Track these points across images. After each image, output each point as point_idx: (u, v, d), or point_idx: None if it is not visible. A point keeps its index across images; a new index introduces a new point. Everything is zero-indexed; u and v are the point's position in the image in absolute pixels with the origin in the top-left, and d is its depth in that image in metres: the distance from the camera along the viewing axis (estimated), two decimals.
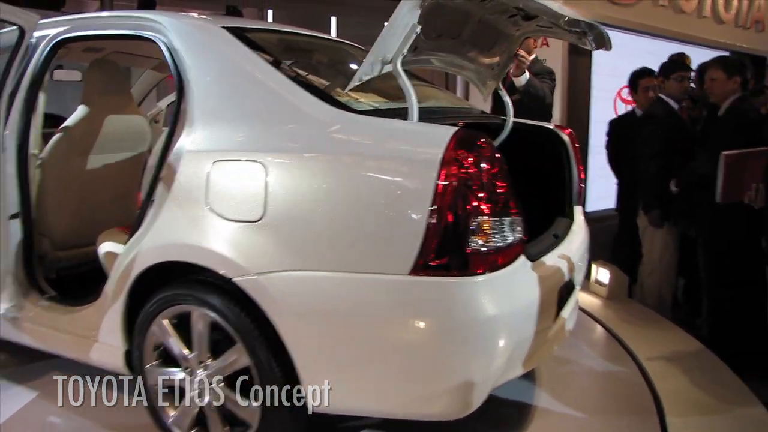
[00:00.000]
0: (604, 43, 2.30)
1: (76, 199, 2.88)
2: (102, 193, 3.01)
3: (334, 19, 12.69)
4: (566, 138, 2.79)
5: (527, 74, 4.12)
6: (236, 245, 1.85)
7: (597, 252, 2.87)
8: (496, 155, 1.74)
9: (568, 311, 2.39)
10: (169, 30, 2.23)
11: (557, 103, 5.58)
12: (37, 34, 2.54)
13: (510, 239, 1.79)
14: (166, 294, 2.09)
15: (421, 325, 1.70)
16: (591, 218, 2.98)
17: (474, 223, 1.65)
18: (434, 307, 1.68)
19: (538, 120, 3.11)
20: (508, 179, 1.78)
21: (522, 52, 3.91)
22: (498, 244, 1.73)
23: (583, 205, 2.88)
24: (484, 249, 1.68)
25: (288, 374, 1.87)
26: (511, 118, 2.70)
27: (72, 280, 2.76)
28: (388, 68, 1.93)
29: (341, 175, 1.75)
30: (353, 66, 2.51)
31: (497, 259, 1.75)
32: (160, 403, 2.21)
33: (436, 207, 1.61)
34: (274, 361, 1.87)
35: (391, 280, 1.67)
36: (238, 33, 2.21)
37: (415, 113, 1.82)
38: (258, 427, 1.96)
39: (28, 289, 2.57)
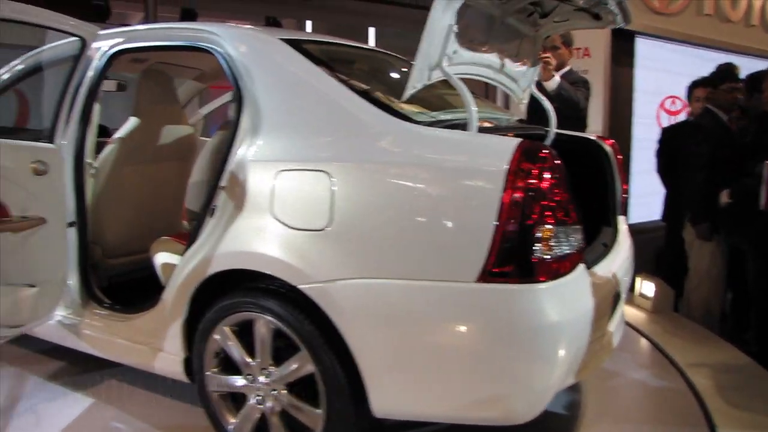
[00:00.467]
0: (627, 16, 2.30)
1: (126, 208, 2.93)
2: (151, 202, 3.06)
3: (372, 30, 12.82)
4: (609, 149, 2.79)
5: (557, 78, 4.04)
6: (302, 253, 1.88)
7: (639, 264, 2.83)
8: (559, 166, 1.77)
9: (615, 323, 2.35)
10: (227, 41, 2.26)
11: (598, 115, 5.52)
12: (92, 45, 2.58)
13: (571, 247, 1.81)
14: (229, 302, 2.12)
15: (487, 331, 1.73)
16: (633, 230, 2.94)
17: (538, 232, 1.68)
18: (500, 313, 1.70)
19: (572, 128, 3.08)
20: (569, 189, 1.80)
21: (545, 55, 3.82)
22: (560, 253, 1.75)
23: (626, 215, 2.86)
24: (548, 257, 1.71)
25: (352, 380, 1.88)
26: (554, 128, 2.68)
27: (121, 288, 2.79)
28: (436, 75, 1.96)
29: (407, 185, 1.78)
30: (402, 77, 2.53)
31: (560, 267, 1.76)
32: (220, 409, 2.24)
33: (502, 217, 1.65)
34: (340, 367, 1.89)
35: (457, 287, 1.70)
36: (296, 44, 2.24)
37: (474, 124, 1.88)
38: None
39: (83, 297, 2.61)
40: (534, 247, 1.69)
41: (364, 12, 12.48)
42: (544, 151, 1.74)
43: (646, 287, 4.22)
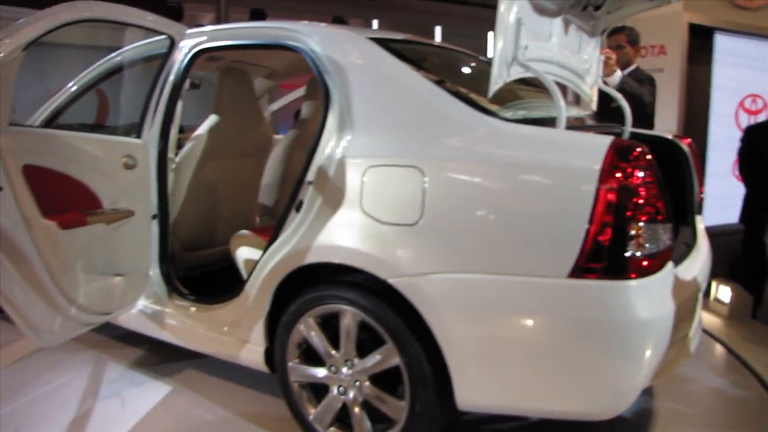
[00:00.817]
0: None
1: (204, 203, 3.02)
2: (227, 197, 3.14)
3: (438, 29, 12.79)
4: (686, 148, 2.74)
5: (619, 73, 3.95)
6: (392, 247, 1.91)
7: (714, 268, 2.73)
8: (651, 163, 1.76)
9: (694, 328, 2.27)
10: (314, 40, 2.30)
11: (673, 113, 5.35)
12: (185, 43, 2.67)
13: (662, 245, 1.79)
14: (315, 294, 2.16)
15: (577, 326, 1.74)
16: (708, 233, 2.84)
17: (631, 230, 1.69)
18: (590, 309, 1.71)
19: (637, 124, 3.01)
20: (661, 186, 1.79)
21: (606, 51, 3.75)
22: (651, 250, 1.74)
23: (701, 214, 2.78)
24: (640, 254, 1.71)
25: (437, 373, 1.91)
26: (629, 126, 2.63)
27: (196, 280, 2.88)
28: (516, 71, 1.97)
29: (499, 182, 1.80)
30: (480, 74, 2.54)
31: (650, 265, 1.75)
32: (301, 399, 2.29)
33: (595, 214, 1.66)
34: (426, 360, 1.91)
35: (549, 283, 1.72)
36: (383, 43, 2.28)
37: (563, 121, 1.89)
38: (405, 424, 2.02)
39: (164, 287, 2.71)
40: (626, 244, 1.69)
41: (430, 10, 12.48)
42: (637, 149, 1.74)
43: (722, 292, 4.06)
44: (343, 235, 2.03)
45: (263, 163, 3.15)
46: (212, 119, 2.95)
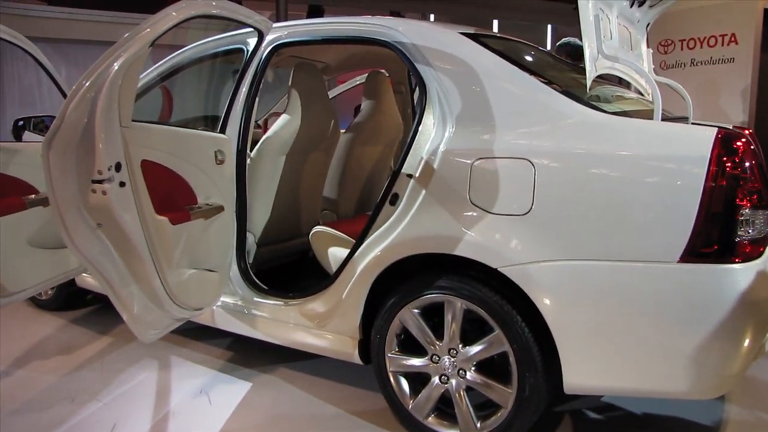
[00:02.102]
0: None
1: (278, 198, 3.03)
2: (298, 192, 3.16)
3: (495, 22, 12.65)
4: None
5: None
6: (502, 236, 1.98)
7: None
8: (755, 152, 1.82)
9: None
10: (408, 36, 2.33)
11: (743, 105, 5.15)
12: (252, 40, 2.67)
13: (764, 231, 1.84)
14: (419, 285, 2.20)
15: (686, 308, 1.81)
16: None
17: (738, 215, 1.77)
18: (699, 292, 1.79)
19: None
20: (763, 174, 1.83)
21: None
22: (755, 235, 1.80)
23: None
24: (746, 239, 1.78)
25: (545, 357, 1.99)
26: (691, 117, 2.56)
27: (266, 274, 2.89)
28: (605, 64, 2.01)
29: (608, 172, 1.87)
30: (564, 68, 2.60)
31: (753, 250, 1.80)
32: (399, 389, 2.33)
33: (705, 201, 1.74)
34: (536, 346, 1.99)
35: (660, 268, 1.80)
36: (476, 38, 2.31)
37: (659, 113, 1.96)
38: (512, 408, 2.07)
39: (243, 283, 2.74)
40: (734, 230, 1.77)
41: (487, 3, 12.36)
42: (741, 138, 1.80)
43: None
44: (450, 226, 2.07)
45: (331, 157, 3.16)
46: (286, 115, 2.96)
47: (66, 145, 1.94)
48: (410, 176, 2.18)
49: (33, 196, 2.64)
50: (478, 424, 2.15)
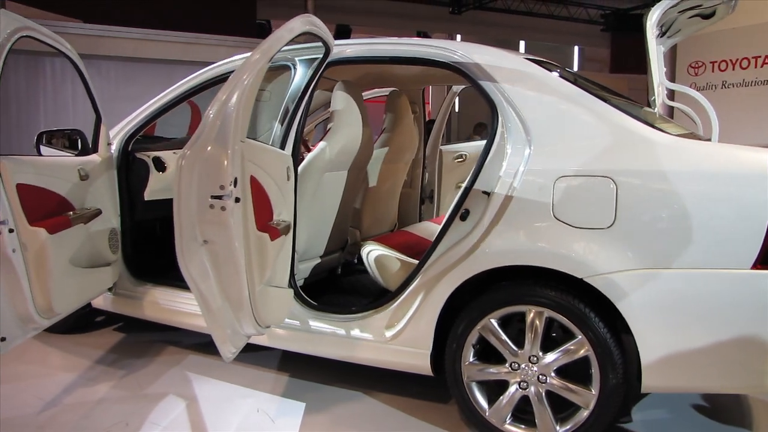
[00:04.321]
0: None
1: (318, 214, 3.00)
2: (334, 209, 3.14)
3: (522, 43, 12.67)
4: None
5: None
6: (587, 249, 2.14)
7: None
8: None
9: None
10: (473, 59, 2.46)
11: None
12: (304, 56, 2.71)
13: None
14: (501, 296, 2.28)
15: (759, 311, 1.97)
16: None
17: None
18: None
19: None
20: None
21: None
22: None
23: None
24: None
25: (625, 360, 2.14)
26: (716, 137, 2.58)
27: (304, 290, 2.86)
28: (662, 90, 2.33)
29: (686, 189, 2.05)
30: (610, 92, 2.68)
31: None
32: (475, 398, 2.37)
33: None
34: (618, 350, 2.12)
35: (735, 274, 1.98)
36: (539, 63, 2.45)
37: (716, 136, 2.28)
38: (593, 409, 2.18)
39: (295, 299, 2.69)
40: None
41: (513, 24, 12.40)
42: None
43: None
44: (535, 239, 2.20)
45: (363, 174, 3.17)
46: (332, 133, 2.97)
47: (195, 158, 1.99)
48: (486, 193, 2.27)
49: (71, 213, 2.63)
50: (558, 427, 2.21)
